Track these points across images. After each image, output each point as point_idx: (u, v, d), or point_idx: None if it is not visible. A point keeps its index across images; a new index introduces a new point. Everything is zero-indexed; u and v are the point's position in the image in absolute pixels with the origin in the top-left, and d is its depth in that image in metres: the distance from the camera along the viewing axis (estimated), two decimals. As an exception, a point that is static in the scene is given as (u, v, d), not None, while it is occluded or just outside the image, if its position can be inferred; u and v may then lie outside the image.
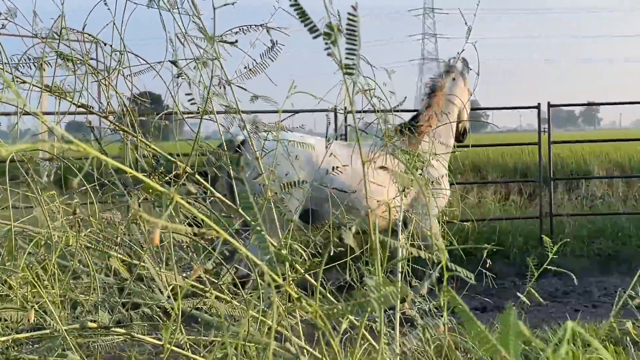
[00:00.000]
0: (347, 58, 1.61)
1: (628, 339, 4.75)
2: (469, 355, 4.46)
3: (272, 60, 3.02)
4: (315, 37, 1.59)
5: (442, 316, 2.89)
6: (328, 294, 2.27)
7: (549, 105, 9.43)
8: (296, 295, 1.56)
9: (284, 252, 1.79)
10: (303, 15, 1.59)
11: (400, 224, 4.16)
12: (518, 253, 8.76)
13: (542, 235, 3.81)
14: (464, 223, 9.13)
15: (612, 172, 12.32)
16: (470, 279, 2.13)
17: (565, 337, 1.05)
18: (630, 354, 4.42)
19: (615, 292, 7.64)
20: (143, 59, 3.12)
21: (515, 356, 1.07)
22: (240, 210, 2.63)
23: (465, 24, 4.17)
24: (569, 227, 9.32)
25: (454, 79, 6.95)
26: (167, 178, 2.91)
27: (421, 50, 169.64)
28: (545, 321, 5.89)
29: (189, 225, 2.34)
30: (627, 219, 9.50)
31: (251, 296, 2.38)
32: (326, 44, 1.59)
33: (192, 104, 2.86)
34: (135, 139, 2.89)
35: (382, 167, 3.01)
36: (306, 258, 2.41)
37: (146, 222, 2.75)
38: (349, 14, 1.61)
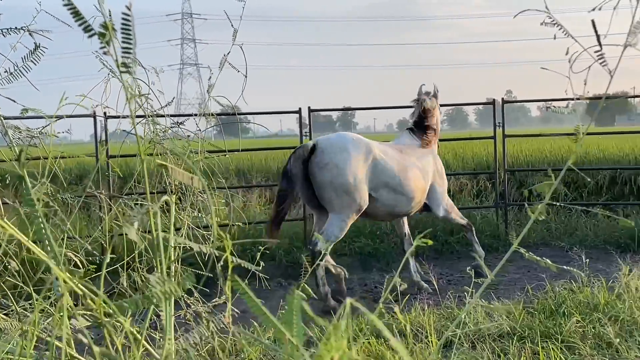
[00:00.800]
0: (123, 56, 1.61)
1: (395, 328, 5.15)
2: (241, 356, 4.57)
3: (35, 64, 2.90)
4: (90, 37, 1.57)
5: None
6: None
7: (310, 110, 9.86)
8: (81, 292, 1.52)
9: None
10: (77, 15, 1.57)
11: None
12: (284, 254, 9.04)
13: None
14: (234, 225, 9.37)
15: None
16: (256, 268, 2.22)
17: (345, 312, 1.15)
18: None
19: (375, 287, 8.24)
20: None
21: (298, 336, 1.15)
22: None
23: (232, 26, 4.26)
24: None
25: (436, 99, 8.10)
26: None
27: (180, 55, 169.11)
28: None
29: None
30: (384, 219, 10.19)
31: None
32: (101, 43, 1.58)
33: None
34: None
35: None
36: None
37: None
38: (124, 13, 1.62)
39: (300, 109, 9.70)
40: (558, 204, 2.47)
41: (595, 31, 1.92)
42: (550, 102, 13.58)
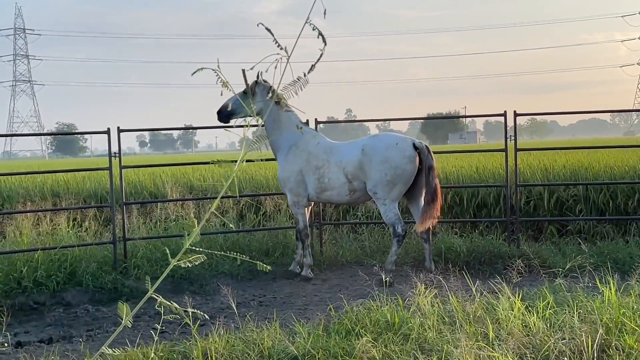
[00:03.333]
0: None
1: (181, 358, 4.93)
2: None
3: None
4: None
5: None
6: None
7: (120, 131, 9.45)
8: None
9: None
10: None
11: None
12: (91, 279, 8.58)
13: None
14: (35, 251, 8.77)
15: (185, 195, 12.88)
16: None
17: None
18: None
19: (185, 311, 7.96)
20: None
21: None
22: None
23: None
24: (142, 251, 9.42)
25: None
26: None
27: (13, 71, 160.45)
28: (114, 346, 5.78)
29: None
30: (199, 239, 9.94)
31: None
32: None
33: None
34: None
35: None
36: None
37: None
38: None
39: (109, 129, 9.28)
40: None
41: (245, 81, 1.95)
42: (388, 121, 13.97)
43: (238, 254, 2.55)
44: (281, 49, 1.94)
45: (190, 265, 2.31)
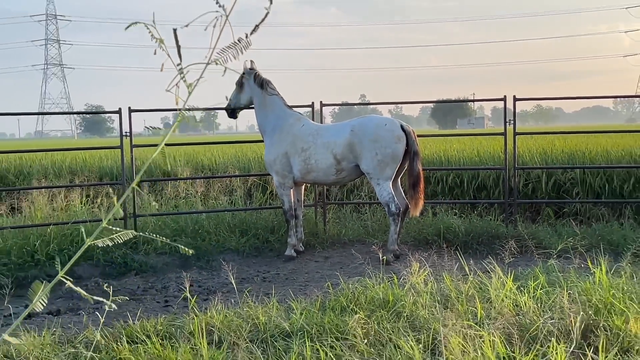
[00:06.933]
0: None
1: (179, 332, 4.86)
2: None
3: None
4: None
5: None
6: None
7: (131, 111, 9.35)
8: None
9: None
10: None
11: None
12: (102, 253, 8.52)
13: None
14: (47, 226, 8.73)
15: (197, 174, 12.81)
16: None
17: None
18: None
19: (191, 285, 7.91)
20: None
21: None
22: None
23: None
24: (152, 227, 9.37)
25: None
26: None
27: (45, 55, 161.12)
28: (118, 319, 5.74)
29: None
30: (207, 217, 9.89)
31: None
32: None
33: None
34: None
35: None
36: None
37: None
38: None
39: (120, 109, 9.22)
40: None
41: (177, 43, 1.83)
42: (400, 104, 13.84)
43: (158, 236, 2.42)
44: (220, 6, 1.79)
45: (110, 244, 2.18)
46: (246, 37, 1.77)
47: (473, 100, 12.61)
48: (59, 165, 14.74)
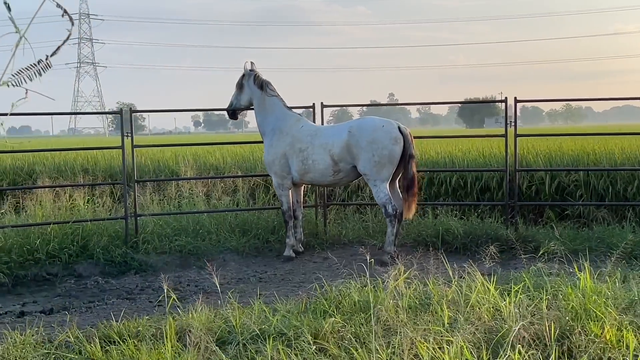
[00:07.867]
0: None
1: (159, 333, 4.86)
2: None
3: None
4: None
5: None
6: None
7: (132, 112, 9.39)
8: None
9: None
10: None
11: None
12: (102, 252, 8.58)
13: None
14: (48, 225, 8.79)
15: (202, 174, 12.78)
16: None
17: None
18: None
19: (188, 285, 7.92)
20: None
21: None
22: None
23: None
24: (152, 226, 9.40)
25: None
26: None
27: (78, 54, 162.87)
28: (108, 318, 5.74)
29: None
30: (208, 217, 9.89)
31: None
32: None
33: None
34: None
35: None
36: None
37: None
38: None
39: (121, 109, 9.31)
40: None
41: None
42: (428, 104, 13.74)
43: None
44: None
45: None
46: (46, 58, 1.77)
47: (473, 102, 12.49)
48: (71, 164, 14.82)
